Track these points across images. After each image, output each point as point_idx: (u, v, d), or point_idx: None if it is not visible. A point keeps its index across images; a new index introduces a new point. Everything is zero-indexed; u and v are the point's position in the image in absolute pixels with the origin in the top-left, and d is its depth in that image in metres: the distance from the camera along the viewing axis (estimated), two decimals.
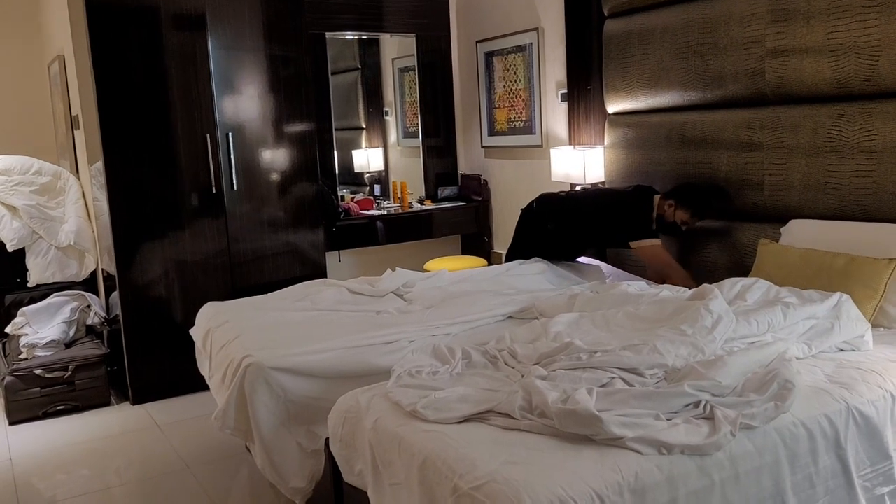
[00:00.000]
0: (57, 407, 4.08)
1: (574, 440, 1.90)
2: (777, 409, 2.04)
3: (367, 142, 5.75)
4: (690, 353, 2.32)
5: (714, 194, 3.60)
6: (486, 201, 5.49)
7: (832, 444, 2.12)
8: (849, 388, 2.25)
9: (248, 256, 4.42)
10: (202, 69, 4.19)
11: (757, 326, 2.51)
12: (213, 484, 3.24)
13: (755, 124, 3.43)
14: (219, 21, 4.23)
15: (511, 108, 5.14)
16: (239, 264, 4.39)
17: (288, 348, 2.73)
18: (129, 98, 4.03)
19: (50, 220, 4.67)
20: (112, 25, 3.97)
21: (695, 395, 2.06)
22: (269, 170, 4.47)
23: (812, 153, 3.21)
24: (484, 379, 2.32)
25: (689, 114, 3.76)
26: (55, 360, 4.10)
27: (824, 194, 3.19)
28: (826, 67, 3.11)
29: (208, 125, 4.22)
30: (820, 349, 2.54)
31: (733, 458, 1.93)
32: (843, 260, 2.89)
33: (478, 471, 1.79)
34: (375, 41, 5.60)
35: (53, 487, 3.31)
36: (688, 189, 3.64)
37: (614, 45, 4.12)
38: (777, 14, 3.26)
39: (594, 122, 4.36)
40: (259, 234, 4.45)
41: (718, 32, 3.53)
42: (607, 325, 2.63)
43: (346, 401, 2.37)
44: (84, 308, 4.49)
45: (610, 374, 2.19)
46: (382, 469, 2.12)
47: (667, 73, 3.81)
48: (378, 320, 3.07)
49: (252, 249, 4.42)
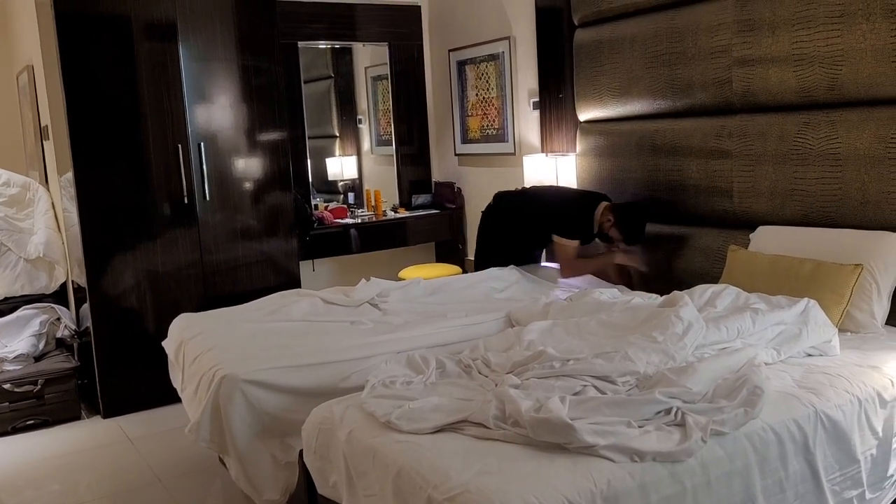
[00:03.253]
0: (27, 421, 4.01)
1: (547, 449, 1.92)
2: (747, 415, 2.07)
3: (341, 150, 5.75)
4: (661, 360, 2.34)
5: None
6: (460, 209, 5.51)
7: (801, 449, 2.15)
8: (817, 393, 2.29)
9: (221, 266, 4.39)
10: (174, 79, 4.16)
11: (727, 332, 2.54)
12: (185, 497, 3.21)
13: (723, 132, 3.48)
14: (190, 31, 4.21)
15: (484, 115, 5.17)
16: (212, 274, 4.36)
17: (262, 361, 2.71)
18: (100, 108, 3.99)
19: (19, 232, 4.61)
20: (82, 35, 3.93)
21: (666, 403, 2.09)
22: (242, 179, 4.45)
23: (779, 161, 3.27)
24: (458, 388, 2.33)
25: (660, 122, 3.81)
26: (24, 374, 4.04)
27: (791, 201, 3.24)
28: (791, 77, 3.17)
29: (180, 135, 4.19)
30: (788, 354, 2.58)
31: (704, 464, 1.95)
32: (810, 266, 2.94)
33: (452, 481, 1.80)
34: (348, 50, 5.61)
35: None
36: (630, 212, 3.76)
37: (585, 54, 4.16)
38: (743, 24, 3.32)
39: (566, 129, 4.40)
40: (232, 243, 4.42)
41: (686, 42, 3.58)
42: (580, 332, 2.65)
43: (321, 412, 2.36)
44: (54, 321, 4.43)
45: (582, 382, 2.21)
46: (357, 480, 2.12)
47: (637, 82, 3.86)
48: (353, 332, 3.07)
49: (225, 260, 4.40)
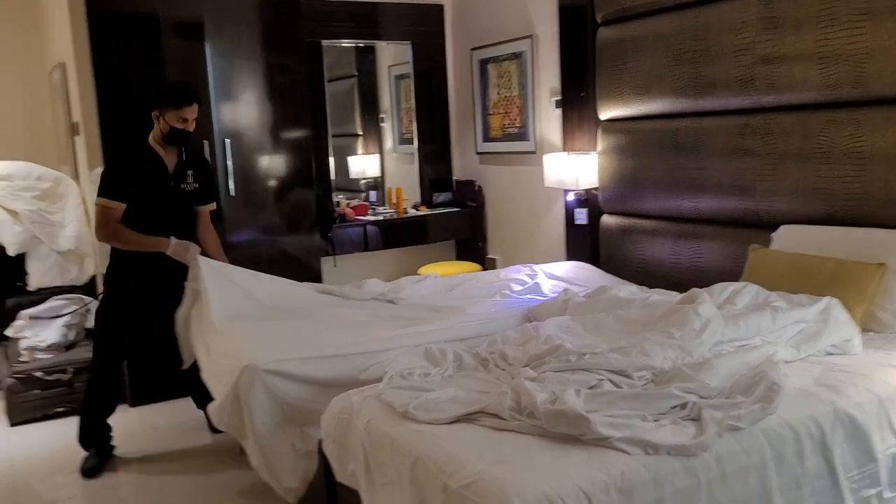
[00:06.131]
0: (57, 409, 4.11)
1: (562, 440, 1.94)
2: (763, 411, 2.07)
3: (363, 148, 5.79)
4: (678, 356, 2.35)
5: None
6: (481, 207, 5.52)
7: (819, 446, 2.15)
8: (836, 391, 2.28)
9: (244, 262, 4.38)
10: (200, 76, 4.23)
11: (746, 330, 2.53)
12: (208, 484, 3.28)
13: (746, 130, 3.46)
14: (217, 29, 4.28)
15: (505, 114, 5.18)
16: None
17: (282, 352, 2.76)
18: (129, 105, 4.07)
19: (50, 225, 4.70)
20: (112, 33, 4.01)
21: (682, 397, 2.09)
22: (266, 176, 4.51)
23: (802, 159, 3.25)
24: (474, 381, 2.36)
25: (682, 120, 3.80)
26: (55, 363, 4.14)
27: (814, 200, 3.22)
28: (815, 74, 3.15)
29: (206, 132, 4.25)
30: (809, 353, 2.57)
31: (720, 458, 1.96)
32: (833, 265, 2.92)
33: (467, 470, 1.83)
34: (371, 49, 5.65)
35: (53, 489, 3.33)
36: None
37: (607, 53, 4.16)
38: (767, 22, 3.30)
39: (587, 128, 4.40)
40: (255, 239, 4.48)
41: (710, 40, 3.57)
42: (597, 328, 2.66)
43: (339, 402, 2.40)
44: (83, 311, 4.53)
45: (598, 376, 2.22)
46: (375, 469, 2.15)
47: (659, 80, 3.85)
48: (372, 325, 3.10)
49: (248, 255, 4.45)
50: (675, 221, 3.86)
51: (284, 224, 4.59)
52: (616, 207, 4.25)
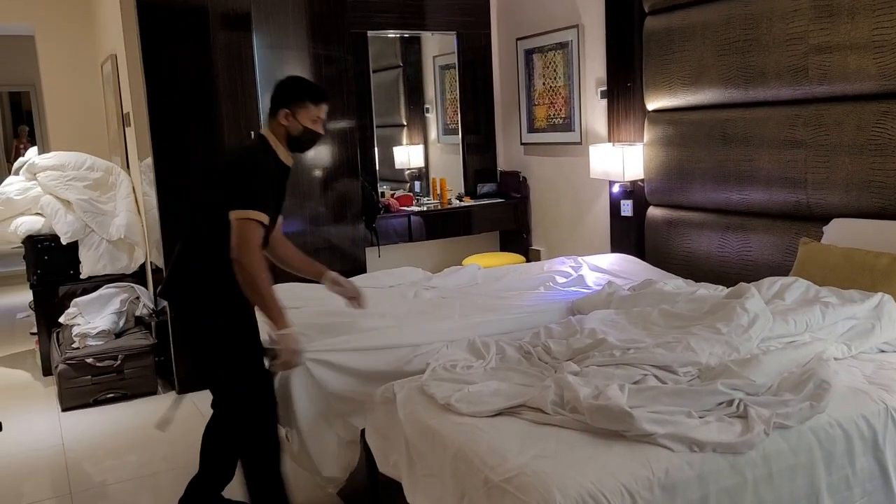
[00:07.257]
0: (107, 394, 4.22)
1: (605, 436, 1.92)
2: (812, 409, 2.03)
3: (408, 139, 5.80)
4: (725, 352, 2.31)
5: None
6: (526, 198, 5.50)
7: (870, 446, 2.10)
8: (888, 390, 2.22)
9: None
10: (247, 67, 4.29)
11: (795, 326, 2.48)
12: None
13: (797, 122, 3.38)
14: (264, 20, 4.33)
15: (551, 105, 5.14)
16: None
17: (328, 342, 2.78)
18: (178, 96, 4.15)
19: (102, 215, 4.82)
20: (161, 25, 4.08)
21: (728, 394, 2.06)
22: (312, 166, 4.55)
23: (856, 151, 3.16)
24: (517, 374, 2.35)
25: (730, 111, 3.73)
26: (105, 350, 4.25)
27: (868, 193, 3.14)
28: (871, 64, 3.06)
29: (253, 122, 4.30)
30: (860, 350, 2.51)
31: (767, 456, 1.93)
32: (887, 260, 2.84)
33: (508, 463, 1.83)
34: (416, 39, 5.65)
35: (103, 472, 3.43)
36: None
37: (655, 42, 4.10)
38: (820, 10, 3.22)
39: (633, 119, 4.34)
40: (301, 229, 4.53)
41: (760, 29, 3.49)
42: (642, 322, 2.63)
43: (383, 393, 2.42)
44: (133, 299, 4.64)
45: (643, 371, 2.20)
46: (417, 460, 2.17)
47: (708, 70, 3.78)
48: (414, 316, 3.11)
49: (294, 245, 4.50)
50: (723, 214, 3.80)
51: (330, 214, 4.64)
52: (662, 199, 4.20)
